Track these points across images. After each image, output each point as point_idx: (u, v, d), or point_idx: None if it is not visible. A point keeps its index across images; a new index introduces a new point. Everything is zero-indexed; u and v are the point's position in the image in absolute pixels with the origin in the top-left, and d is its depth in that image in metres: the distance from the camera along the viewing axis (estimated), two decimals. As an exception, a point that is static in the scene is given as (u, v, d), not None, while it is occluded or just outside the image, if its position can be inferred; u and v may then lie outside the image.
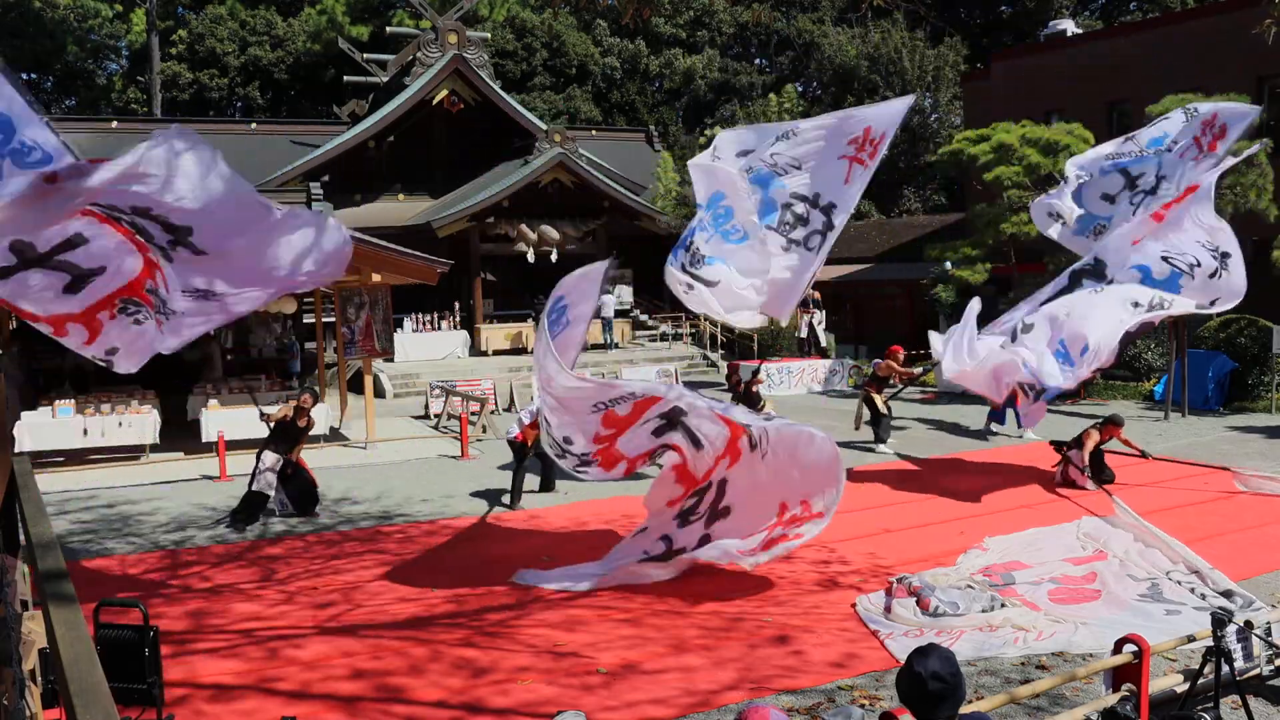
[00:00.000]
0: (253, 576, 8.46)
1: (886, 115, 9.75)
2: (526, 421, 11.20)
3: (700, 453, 7.88)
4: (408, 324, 24.21)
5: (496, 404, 18.84)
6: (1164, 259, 11.13)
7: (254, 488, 10.35)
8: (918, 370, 14.98)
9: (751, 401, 12.91)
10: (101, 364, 5.84)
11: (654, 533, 8.34)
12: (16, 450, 11.06)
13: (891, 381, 14.78)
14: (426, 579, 8.25)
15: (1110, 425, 11.21)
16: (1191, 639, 5.34)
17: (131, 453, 14.19)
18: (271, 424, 10.63)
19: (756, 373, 13.89)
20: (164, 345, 5.71)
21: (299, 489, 10.73)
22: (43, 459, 13.37)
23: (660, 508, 8.43)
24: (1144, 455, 11.37)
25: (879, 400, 14.29)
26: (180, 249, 4.84)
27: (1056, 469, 11.36)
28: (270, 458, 10.38)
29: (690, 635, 6.76)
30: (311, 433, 14.72)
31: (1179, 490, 10.78)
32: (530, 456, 11.24)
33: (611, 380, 8.05)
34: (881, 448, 13.99)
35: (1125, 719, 4.41)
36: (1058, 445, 11.59)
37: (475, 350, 25.03)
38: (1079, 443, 11.17)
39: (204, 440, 14.17)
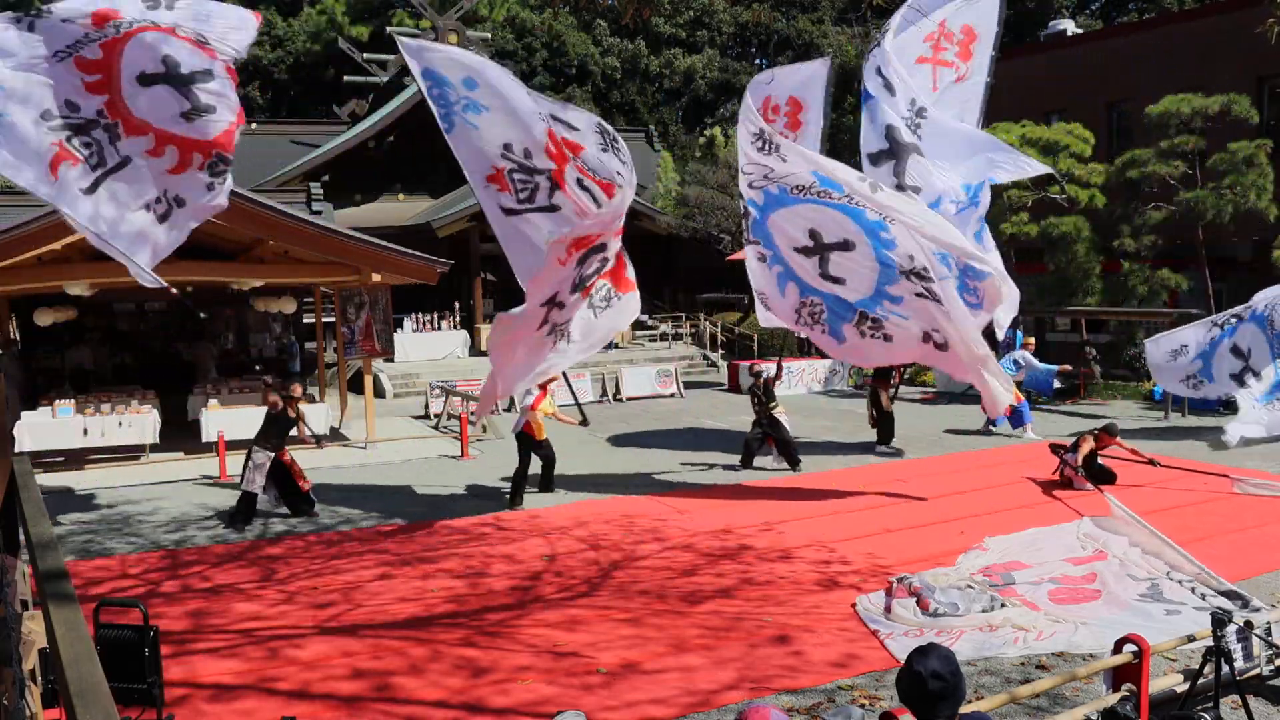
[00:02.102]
0: (253, 576, 8.47)
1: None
2: (529, 402, 11.18)
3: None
4: (408, 324, 24.21)
5: (496, 404, 18.83)
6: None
7: (245, 488, 10.36)
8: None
9: (769, 398, 12.84)
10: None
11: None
12: (16, 450, 11.06)
13: (893, 379, 14.73)
14: (426, 579, 8.25)
15: (1104, 434, 11.20)
16: (1191, 639, 5.34)
17: (131, 453, 14.18)
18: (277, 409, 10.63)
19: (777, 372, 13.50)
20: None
21: (289, 488, 10.72)
22: (43, 459, 13.37)
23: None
24: (1152, 463, 11.38)
25: (884, 398, 14.27)
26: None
27: (1056, 473, 11.37)
28: (260, 455, 10.39)
29: (690, 635, 6.76)
30: (312, 433, 14.82)
31: (1179, 490, 10.78)
32: (531, 456, 11.23)
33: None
34: (883, 448, 13.99)
35: (1125, 719, 4.40)
36: (1055, 449, 11.60)
37: (475, 350, 25.02)
38: (1075, 448, 11.19)
39: (204, 440, 14.17)
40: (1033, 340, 16.95)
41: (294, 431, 10.85)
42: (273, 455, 10.44)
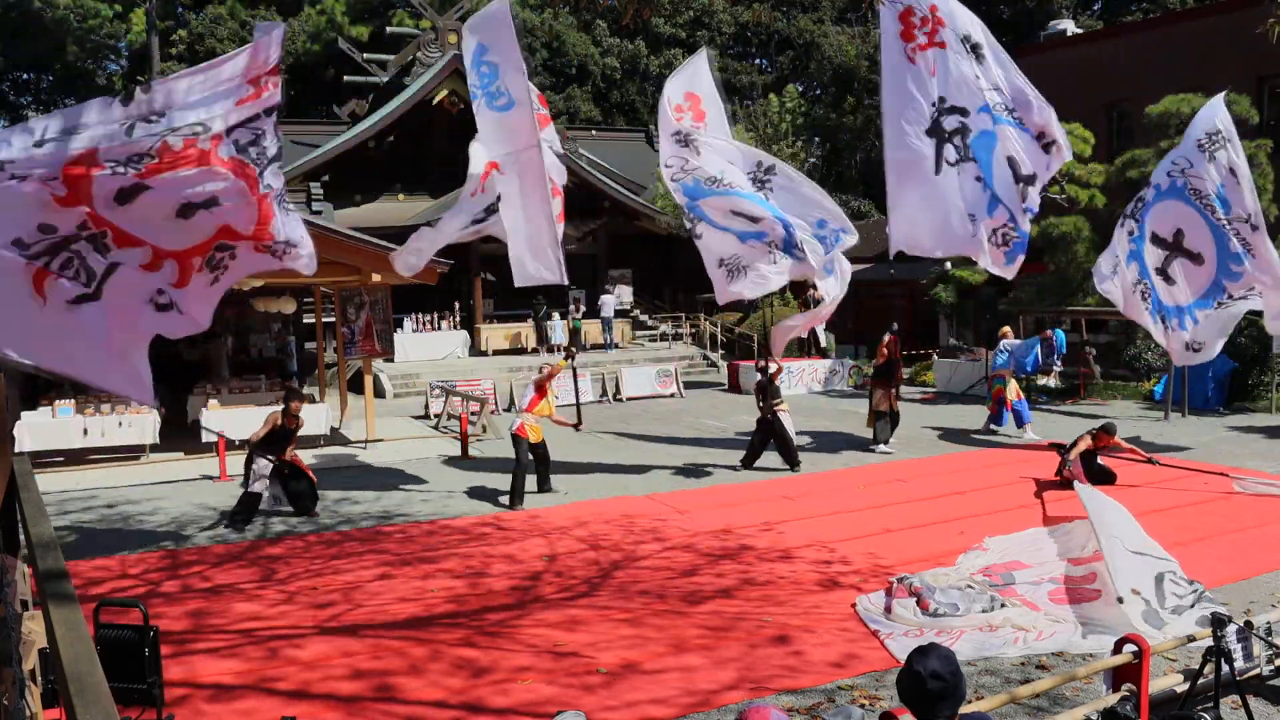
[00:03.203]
0: (253, 576, 8.47)
1: None
2: (526, 404, 11.25)
3: None
4: (408, 324, 24.20)
5: (496, 404, 18.84)
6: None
7: (250, 489, 10.37)
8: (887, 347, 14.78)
9: (771, 395, 12.91)
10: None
11: None
12: (16, 450, 11.06)
13: (895, 381, 14.66)
14: (426, 579, 8.25)
15: (1102, 434, 11.19)
16: (1191, 639, 5.34)
17: (131, 453, 14.18)
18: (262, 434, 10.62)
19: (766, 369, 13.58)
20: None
21: (299, 488, 10.73)
22: (43, 459, 13.37)
23: None
24: (1150, 461, 11.38)
25: (878, 397, 14.26)
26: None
27: (1058, 474, 11.36)
28: (262, 463, 10.41)
29: (690, 635, 6.76)
30: (312, 433, 14.85)
31: (1179, 490, 10.78)
32: (528, 455, 11.24)
33: None
34: (882, 447, 13.99)
35: (1125, 719, 4.40)
36: (1057, 447, 11.61)
37: (475, 350, 25.03)
38: (1073, 447, 11.19)
39: (204, 440, 14.17)
40: (1009, 329, 16.88)
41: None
42: (273, 461, 10.47)
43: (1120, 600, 6.68)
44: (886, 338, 14.59)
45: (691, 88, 12.65)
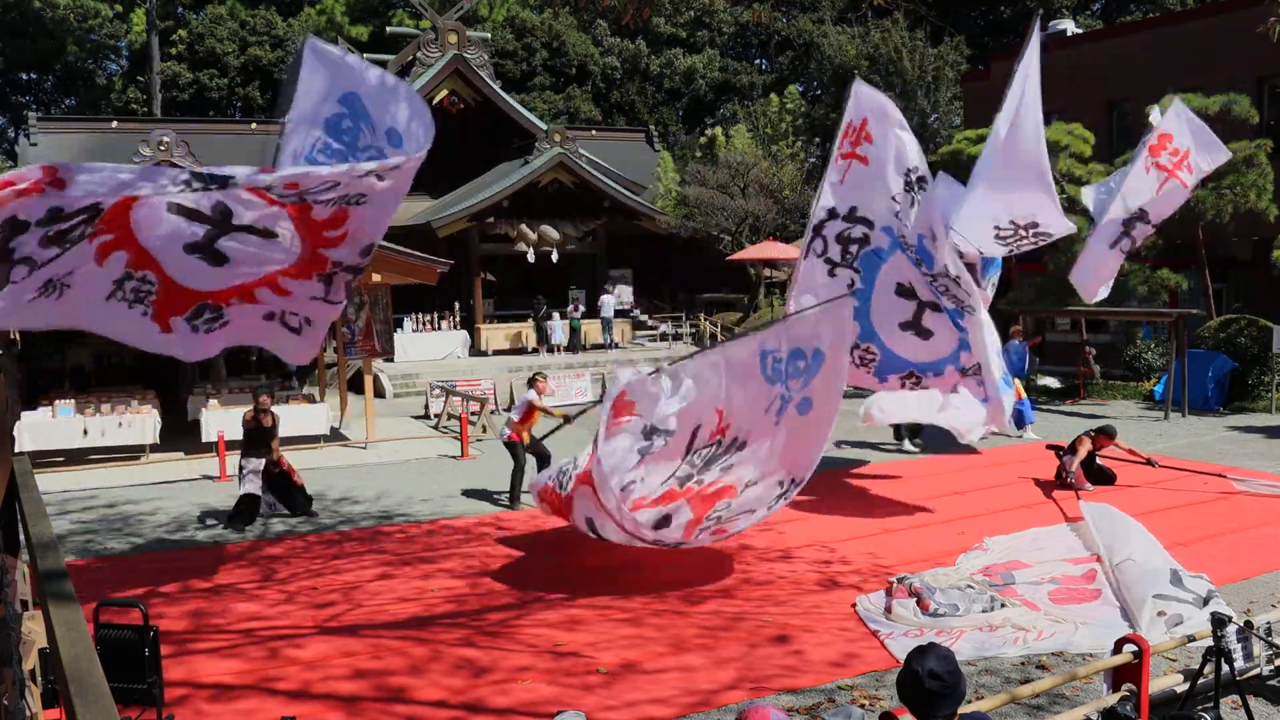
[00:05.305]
0: (253, 576, 8.47)
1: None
2: (516, 419, 11.21)
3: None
4: (408, 324, 24.20)
5: (496, 404, 18.84)
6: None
7: (244, 490, 10.39)
8: None
9: None
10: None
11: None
12: (16, 450, 11.06)
13: None
14: (426, 579, 8.25)
15: (1102, 435, 11.13)
16: (1191, 639, 5.34)
17: (131, 453, 14.18)
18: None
19: None
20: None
21: (286, 490, 10.75)
22: (43, 459, 13.37)
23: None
24: (1150, 463, 11.35)
25: None
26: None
27: (1056, 475, 11.34)
28: (253, 462, 10.44)
29: (690, 635, 6.76)
30: (313, 433, 14.86)
31: (1178, 490, 10.77)
32: (525, 456, 11.22)
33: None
34: (907, 444, 13.96)
35: (1125, 719, 4.41)
36: (1055, 449, 11.58)
37: (475, 350, 25.03)
38: (1072, 449, 11.14)
39: (204, 440, 14.17)
40: (1019, 328, 16.83)
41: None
42: (263, 461, 10.48)
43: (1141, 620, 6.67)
44: None
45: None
